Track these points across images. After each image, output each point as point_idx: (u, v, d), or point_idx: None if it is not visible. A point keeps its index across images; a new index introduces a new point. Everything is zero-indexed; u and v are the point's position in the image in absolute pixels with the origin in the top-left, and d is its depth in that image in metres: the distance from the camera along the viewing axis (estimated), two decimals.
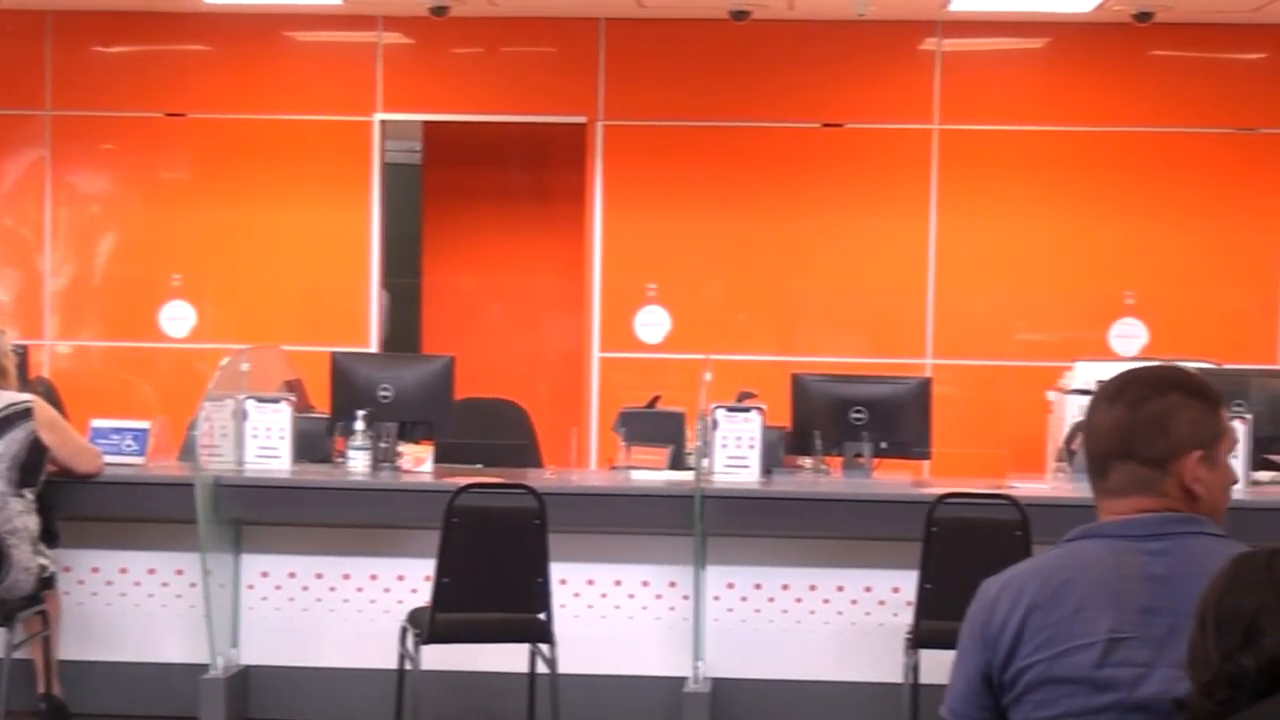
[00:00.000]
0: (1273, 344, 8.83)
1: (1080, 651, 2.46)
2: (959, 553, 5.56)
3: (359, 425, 6.48)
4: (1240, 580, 2.10)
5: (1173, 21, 8.66)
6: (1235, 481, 2.66)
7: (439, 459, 6.55)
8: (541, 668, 5.91)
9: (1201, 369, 6.53)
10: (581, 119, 9.23)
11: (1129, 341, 8.95)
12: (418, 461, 6.50)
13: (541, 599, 5.71)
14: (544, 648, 5.83)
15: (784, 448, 6.77)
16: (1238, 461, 6.11)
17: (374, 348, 9.19)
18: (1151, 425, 2.59)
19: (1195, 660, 2.11)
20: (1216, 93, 8.95)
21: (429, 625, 5.66)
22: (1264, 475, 6.57)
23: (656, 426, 6.88)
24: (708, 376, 6.47)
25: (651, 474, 6.54)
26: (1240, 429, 6.13)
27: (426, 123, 10.01)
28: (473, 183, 10.18)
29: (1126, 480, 2.58)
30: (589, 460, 8.91)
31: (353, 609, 6.47)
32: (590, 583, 6.45)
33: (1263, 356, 8.63)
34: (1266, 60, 8.92)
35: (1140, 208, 8.98)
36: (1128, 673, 2.45)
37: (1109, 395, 2.64)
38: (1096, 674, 2.46)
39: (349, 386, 6.65)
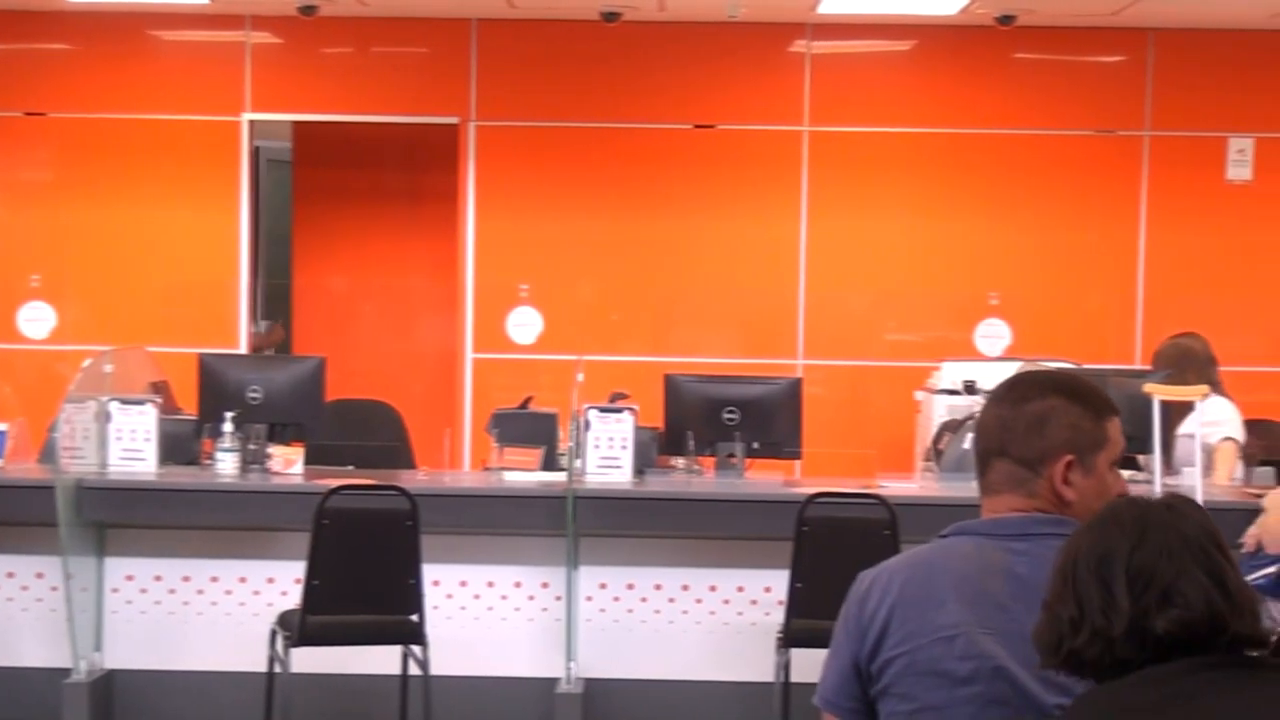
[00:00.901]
0: (1131, 344, 8.99)
1: (942, 645, 2.50)
2: (829, 552, 5.60)
3: (227, 427, 6.41)
4: (1150, 540, 2.06)
5: (1035, 25, 8.79)
6: (1119, 492, 2.64)
7: (309, 461, 6.50)
8: (414, 669, 5.88)
9: (1063, 369, 6.64)
10: (454, 119, 9.19)
11: (993, 342, 9.06)
12: (288, 463, 6.44)
13: (413, 601, 5.68)
14: (416, 649, 5.80)
15: (656, 448, 6.79)
16: None
17: (242, 349, 9.09)
18: (1030, 425, 2.62)
19: (1102, 610, 2.04)
20: (1077, 95, 9.09)
21: (299, 628, 5.61)
22: (1123, 474, 6.67)
23: (529, 427, 6.87)
24: (580, 377, 6.47)
25: (524, 475, 6.53)
26: None
27: (297, 123, 9.92)
28: (345, 183, 10.10)
29: (1002, 478, 2.62)
30: (462, 461, 8.88)
31: (221, 612, 6.39)
32: (463, 584, 6.43)
33: (1121, 357, 8.77)
34: (1125, 63, 9.07)
35: (1005, 209, 9.11)
36: (987, 666, 2.48)
37: (998, 393, 2.69)
38: (957, 667, 2.49)
39: (217, 388, 6.57)
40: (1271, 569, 5.59)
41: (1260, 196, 8.98)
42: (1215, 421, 6.63)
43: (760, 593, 6.40)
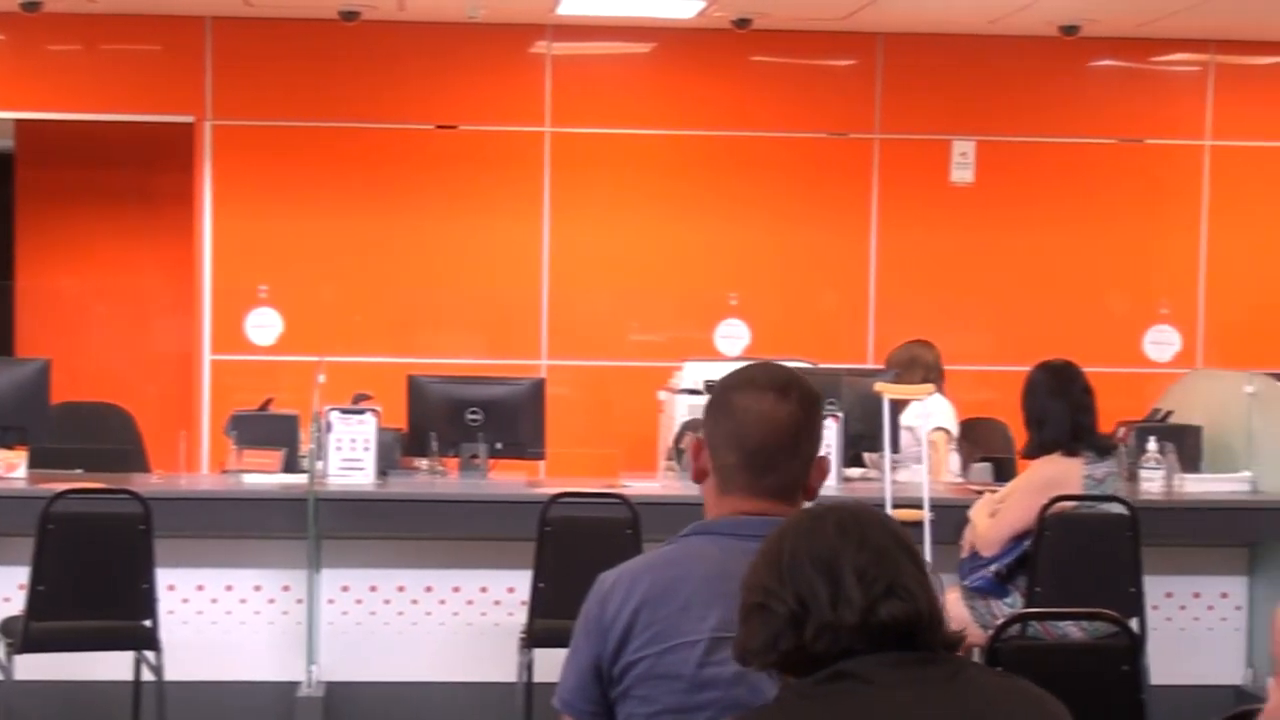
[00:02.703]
0: (863, 344, 9.21)
1: (685, 649, 2.49)
2: (572, 552, 5.64)
3: None
4: (871, 539, 2.09)
5: (770, 28, 8.93)
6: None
7: (34, 465, 6.33)
8: (147, 675, 5.76)
9: (800, 368, 6.79)
10: (189, 118, 9.01)
11: (733, 342, 9.20)
12: (10, 467, 6.26)
13: (146, 605, 5.58)
14: (149, 655, 5.69)
15: (400, 449, 6.77)
16: (831, 458, 6.38)
17: None
18: (818, 427, 2.66)
19: (831, 604, 2.05)
20: (811, 98, 9.27)
21: (22, 634, 5.47)
22: (855, 471, 6.86)
23: (269, 429, 6.78)
24: (321, 378, 6.41)
25: (264, 477, 6.45)
26: (833, 426, 6.40)
27: (19, 121, 9.62)
28: (74, 183, 9.83)
29: (786, 480, 2.60)
30: (200, 464, 8.70)
31: None
32: (200, 588, 6.32)
33: (854, 356, 8.98)
34: (855, 67, 9.28)
35: (744, 211, 9.24)
36: (727, 672, 2.45)
37: (778, 388, 2.61)
38: (699, 672, 2.49)
39: None
40: (988, 570, 5.81)
41: (982, 198, 9.26)
42: (926, 413, 6.84)
43: (503, 593, 6.42)
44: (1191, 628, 6.59)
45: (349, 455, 6.37)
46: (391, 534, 6.34)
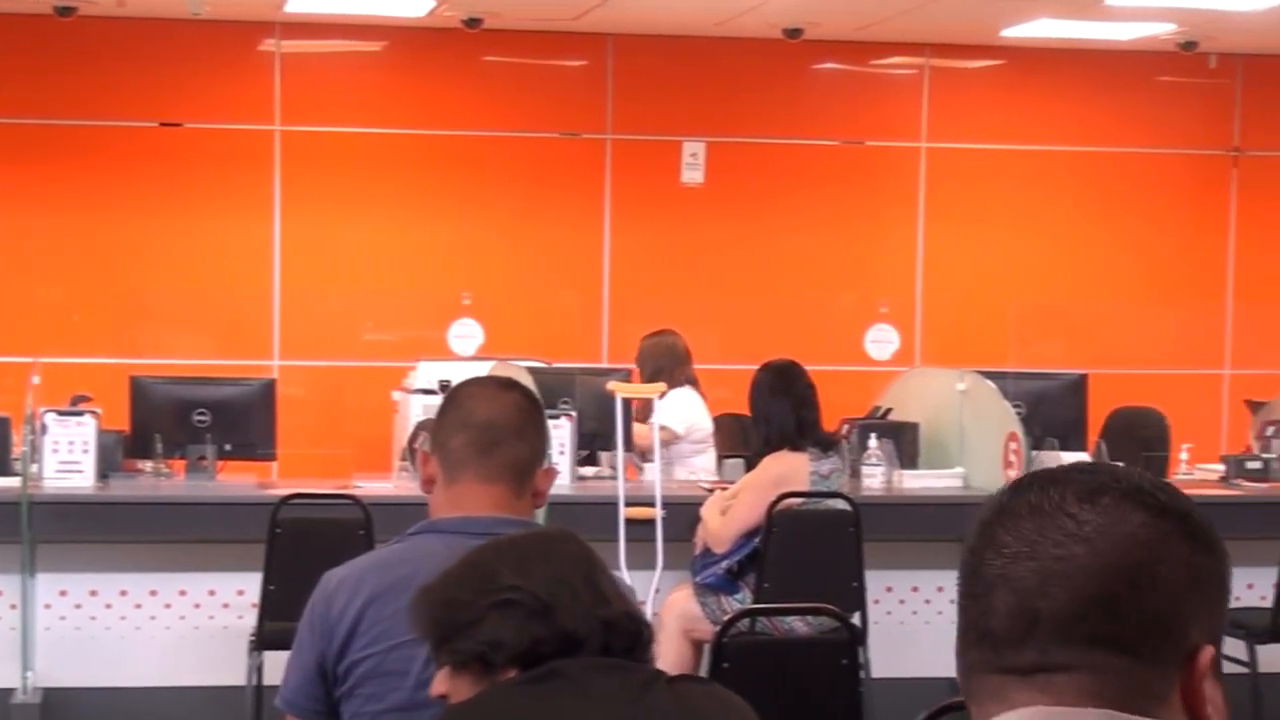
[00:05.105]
0: (598, 343, 9.29)
1: (410, 646, 2.49)
2: (303, 553, 5.58)
3: None
4: (596, 559, 2.22)
5: (502, 28, 8.94)
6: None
7: None
8: None
9: (533, 368, 6.82)
10: None
11: (467, 341, 9.20)
12: None
13: None
14: None
15: (122, 451, 6.62)
16: (564, 457, 6.43)
17: None
18: (543, 425, 2.75)
19: (587, 607, 2.16)
20: (544, 98, 9.32)
21: None
22: (588, 470, 6.92)
23: None
24: (36, 379, 6.25)
25: None
26: (566, 425, 6.44)
27: None
28: None
29: (512, 463, 2.65)
30: None
31: None
32: None
33: (589, 355, 9.05)
34: (587, 67, 9.36)
35: (477, 211, 9.25)
36: None
37: (501, 383, 2.75)
38: (425, 670, 2.48)
39: None
40: (720, 566, 5.91)
41: (712, 199, 9.41)
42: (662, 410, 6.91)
43: (233, 596, 6.32)
44: (910, 621, 6.78)
45: (66, 458, 6.21)
46: (112, 537, 6.20)
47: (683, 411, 7.18)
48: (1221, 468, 7.28)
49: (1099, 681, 1.26)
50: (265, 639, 5.67)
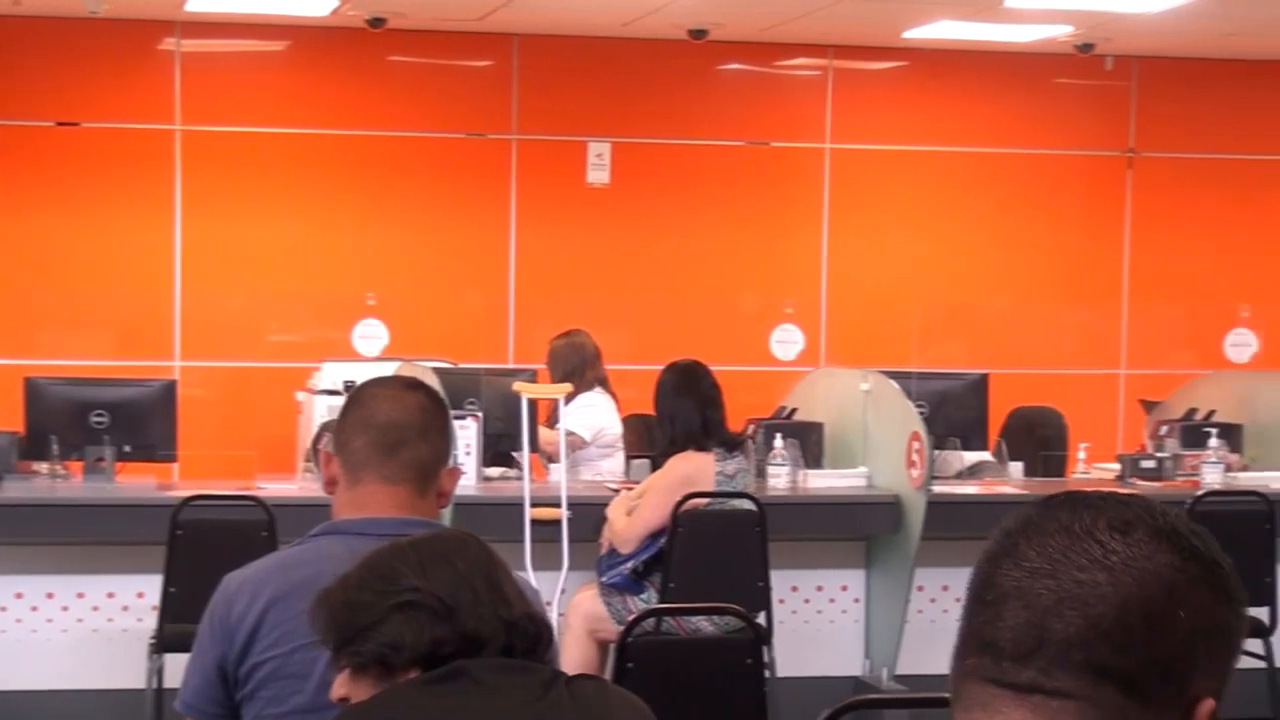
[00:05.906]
0: (504, 343, 9.28)
1: (311, 649, 2.47)
2: (205, 555, 5.53)
3: None
4: (496, 557, 2.23)
5: (406, 28, 8.91)
6: None
7: None
8: None
9: (439, 368, 6.80)
10: None
11: (371, 342, 9.15)
12: None
13: None
14: None
15: (17, 453, 6.53)
16: (470, 458, 6.42)
17: None
18: (447, 426, 2.76)
19: (492, 608, 2.16)
20: (449, 98, 9.28)
21: None
22: (494, 471, 6.90)
23: None
24: None
25: None
26: (472, 426, 6.43)
27: None
28: None
29: (415, 463, 2.65)
30: None
31: None
32: None
33: (494, 356, 9.03)
34: (492, 68, 9.34)
35: (381, 210, 9.20)
36: None
37: (404, 383, 2.76)
38: (326, 674, 2.45)
39: None
40: (625, 566, 5.92)
41: (618, 199, 9.43)
42: (569, 415, 6.92)
43: (132, 598, 6.26)
44: (815, 620, 6.81)
45: None
46: (8, 540, 6.12)
47: (590, 417, 7.18)
48: (1117, 467, 7.38)
49: (1094, 714, 1.24)
50: (165, 641, 5.63)
